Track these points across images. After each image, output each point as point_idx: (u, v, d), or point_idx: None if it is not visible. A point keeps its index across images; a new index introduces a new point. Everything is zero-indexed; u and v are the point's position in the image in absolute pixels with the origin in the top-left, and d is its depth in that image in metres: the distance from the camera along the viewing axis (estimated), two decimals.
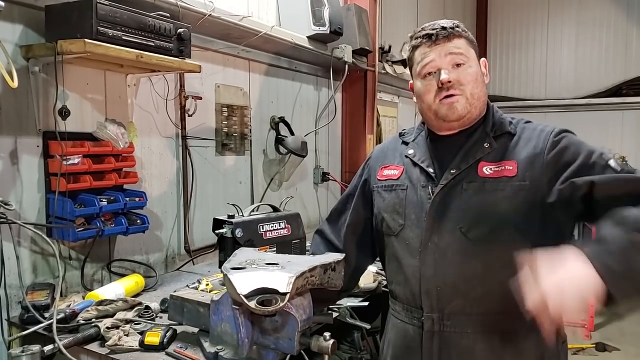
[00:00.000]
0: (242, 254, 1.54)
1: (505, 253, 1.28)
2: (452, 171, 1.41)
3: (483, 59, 1.48)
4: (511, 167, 1.36)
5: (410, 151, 1.52)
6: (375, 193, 1.58)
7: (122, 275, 2.22)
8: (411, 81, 1.54)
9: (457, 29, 1.42)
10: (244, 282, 1.25)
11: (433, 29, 1.42)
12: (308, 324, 1.38)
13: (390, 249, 1.52)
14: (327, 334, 1.37)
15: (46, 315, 1.73)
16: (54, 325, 1.56)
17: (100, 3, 1.77)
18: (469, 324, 1.37)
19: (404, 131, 1.65)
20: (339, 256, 1.48)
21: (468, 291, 1.36)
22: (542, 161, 1.34)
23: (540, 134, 1.39)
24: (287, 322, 1.32)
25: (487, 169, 1.38)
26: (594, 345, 4.25)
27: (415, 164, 1.49)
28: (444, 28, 1.41)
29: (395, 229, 1.48)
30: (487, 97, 1.47)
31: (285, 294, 1.22)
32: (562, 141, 1.35)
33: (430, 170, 1.44)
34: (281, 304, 1.20)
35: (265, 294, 1.23)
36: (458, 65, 1.39)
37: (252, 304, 1.20)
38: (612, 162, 1.27)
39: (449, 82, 1.37)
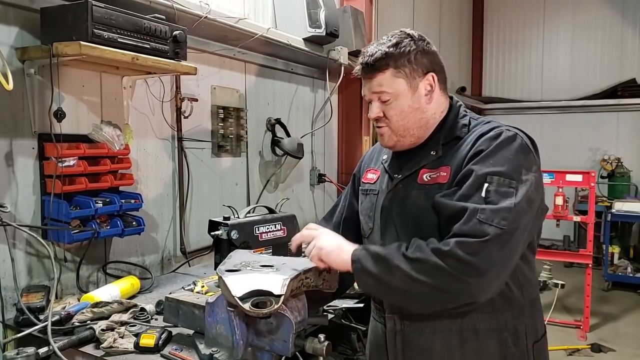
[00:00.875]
0: (237, 256, 1.54)
1: None
2: (397, 176, 1.45)
3: (430, 74, 1.40)
4: (445, 174, 1.36)
5: (384, 157, 1.56)
6: (359, 195, 1.64)
7: (118, 277, 2.22)
8: None
9: (381, 61, 1.36)
10: (239, 285, 1.26)
11: (361, 62, 1.42)
12: (303, 325, 1.39)
13: None
14: (321, 336, 1.38)
15: (41, 317, 1.72)
16: (49, 328, 1.56)
17: (95, 5, 1.77)
18: (426, 324, 1.39)
19: None
20: None
21: None
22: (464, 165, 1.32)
23: (480, 136, 1.35)
24: (282, 324, 1.32)
25: (426, 176, 1.39)
26: (590, 346, 4.25)
27: (386, 170, 1.53)
28: (367, 65, 1.39)
29: (366, 232, 1.55)
30: (441, 109, 1.44)
31: (279, 296, 1.22)
32: (486, 147, 1.31)
33: (396, 176, 1.48)
34: (275, 306, 1.21)
35: (259, 296, 1.24)
36: (384, 101, 1.40)
37: (247, 306, 1.21)
38: (484, 189, 1.24)
39: (375, 117, 1.43)
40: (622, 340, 4.46)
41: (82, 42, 1.73)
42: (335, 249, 1.38)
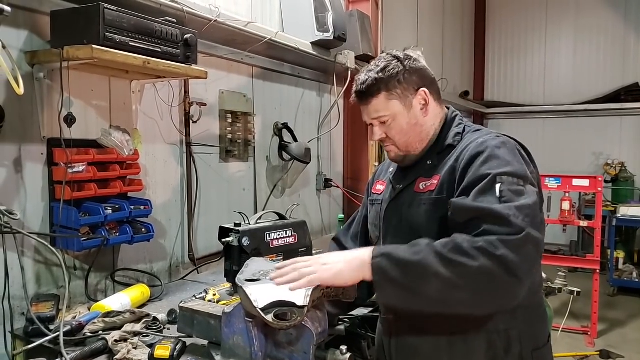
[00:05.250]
0: (254, 265, 1.51)
1: None
2: (398, 187, 1.52)
3: (421, 90, 1.46)
4: (435, 182, 1.41)
5: (391, 169, 1.64)
6: (368, 205, 1.72)
7: (126, 285, 2.18)
8: None
9: (372, 87, 1.44)
10: (261, 295, 1.22)
11: (355, 91, 1.49)
12: (323, 337, 1.36)
13: None
14: (343, 348, 1.35)
15: (52, 327, 1.68)
16: (61, 338, 1.51)
17: (107, 9, 1.74)
18: (417, 325, 1.43)
19: None
20: None
21: None
22: (456, 174, 1.36)
23: (469, 145, 1.38)
24: (303, 335, 1.29)
25: (422, 185, 1.45)
26: (598, 353, 4.23)
27: (391, 182, 1.59)
28: (360, 92, 1.47)
29: (374, 240, 1.64)
30: (439, 119, 1.51)
31: (303, 307, 1.19)
32: (479, 154, 1.33)
33: (398, 186, 1.55)
34: (299, 318, 1.17)
35: (281, 307, 1.20)
36: (383, 122, 1.48)
37: (269, 317, 1.18)
38: (497, 188, 1.24)
39: (379, 140, 1.52)
40: (630, 347, 4.43)
41: (94, 46, 1.69)
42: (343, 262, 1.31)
